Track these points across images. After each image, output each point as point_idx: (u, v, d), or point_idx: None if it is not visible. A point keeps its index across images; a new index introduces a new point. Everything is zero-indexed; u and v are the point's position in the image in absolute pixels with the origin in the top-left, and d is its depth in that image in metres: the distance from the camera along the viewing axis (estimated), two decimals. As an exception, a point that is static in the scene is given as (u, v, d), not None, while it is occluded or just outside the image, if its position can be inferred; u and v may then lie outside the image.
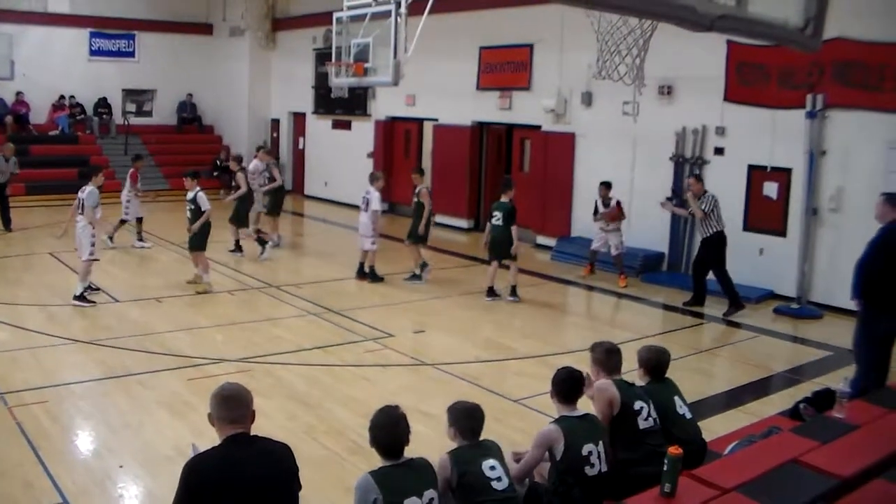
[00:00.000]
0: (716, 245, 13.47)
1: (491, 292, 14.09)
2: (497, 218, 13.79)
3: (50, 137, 26.24)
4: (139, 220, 17.72)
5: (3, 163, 18.75)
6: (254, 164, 19.04)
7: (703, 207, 13.36)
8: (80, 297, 12.66)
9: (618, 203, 15.42)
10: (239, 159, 17.73)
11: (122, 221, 17.49)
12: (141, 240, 17.64)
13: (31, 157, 23.85)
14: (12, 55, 25.07)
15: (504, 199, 13.84)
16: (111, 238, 17.09)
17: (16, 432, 7.89)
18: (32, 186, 22.50)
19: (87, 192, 12.85)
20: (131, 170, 17.81)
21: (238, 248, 16.92)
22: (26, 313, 12.26)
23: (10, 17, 25.34)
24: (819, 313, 13.55)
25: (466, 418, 5.18)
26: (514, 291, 14.02)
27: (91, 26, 27.47)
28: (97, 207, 13.02)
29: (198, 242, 13.80)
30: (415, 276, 15.11)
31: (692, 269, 14.21)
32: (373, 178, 15.16)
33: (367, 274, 14.99)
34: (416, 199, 15.21)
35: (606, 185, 15.57)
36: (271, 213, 18.15)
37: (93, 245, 12.81)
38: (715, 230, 13.42)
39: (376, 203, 14.82)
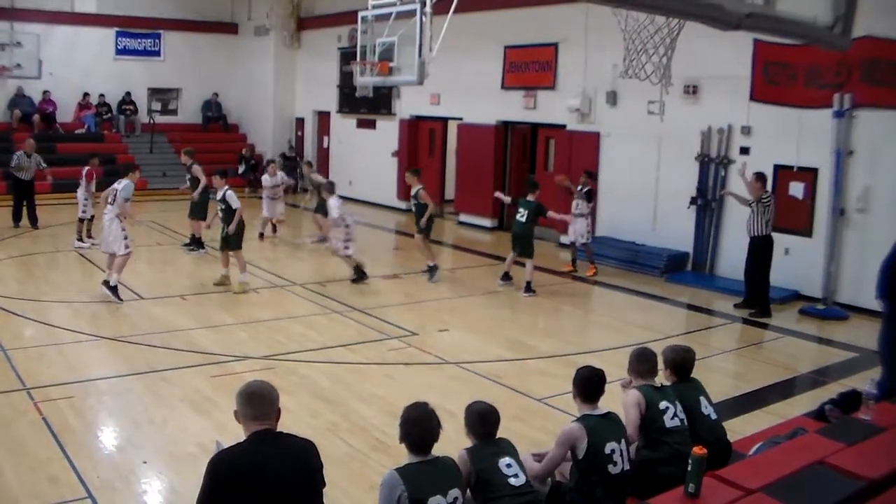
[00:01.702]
0: (762, 247, 13.41)
1: (505, 276, 14.71)
2: (522, 215, 14.19)
3: (76, 136, 26.44)
4: (90, 220, 17.26)
5: (25, 159, 18.85)
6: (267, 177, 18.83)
7: (764, 200, 13.28)
8: (113, 290, 12.72)
9: (588, 191, 15.81)
10: (187, 162, 17.76)
11: (81, 220, 17.14)
12: (81, 239, 17.14)
13: (57, 156, 24.01)
14: (40, 54, 25.24)
15: (530, 198, 14.16)
16: (82, 238, 17.04)
17: (42, 427, 7.96)
18: (58, 184, 22.54)
19: (124, 184, 12.92)
20: (88, 168, 17.15)
21: (196, 243, 17.03)
22: (52, 310, 12.36)
23: (38, 17, 25.53)
24: (845, 314, 13.44)
25: (479, 423, 5.17)
26: (528, 287, 14.27)
27: (117, 25, 27.68)
28: (128, 201, 13.03)
29: (235, 242, 13.83)
30: (431, 269, 15.12)
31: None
32: (330, 188, 15.39)
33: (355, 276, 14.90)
34: (415, 201, 15.22)
35: (587, 174, 16.03)
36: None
37: (126, 238, 12.87)
38: (763, 233, 13.34)
39: (335, 211, 14.73)
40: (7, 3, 24.53)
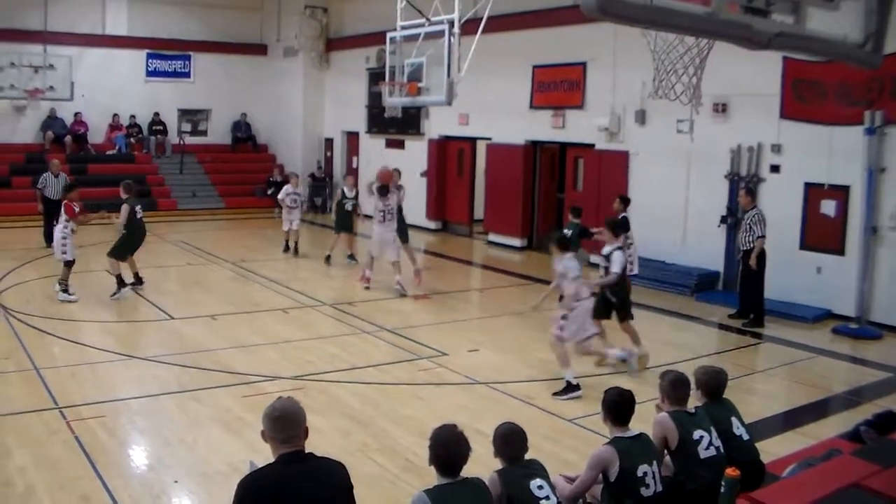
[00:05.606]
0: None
1: None
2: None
3: (107, 157, 26.74)
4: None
5: (52, 179, 19.04)
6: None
7: (746, 220, 13.66)
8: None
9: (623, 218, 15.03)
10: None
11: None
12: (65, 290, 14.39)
13: (88, 176, 24.26)
14: (72, 77, 25.58)
15: (575, 220, 14.55)
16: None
17: (74, 446, 8.01)
18: (89, 205, 22.58)
19: None
20: (66, 202, 14.66)
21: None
22: (84, 329, 12.45)
23: (71, 40, 25.88)
24: (879, 333, 13.30)
25: (506, 445, 5.16)
26: None
27: (148, 48, 27.99)
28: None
29: None
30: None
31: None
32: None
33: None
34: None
35: (622, 200, 15.06)
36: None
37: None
38: (751, 247, 13.55)
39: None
40: (40, 26, 24.88)
